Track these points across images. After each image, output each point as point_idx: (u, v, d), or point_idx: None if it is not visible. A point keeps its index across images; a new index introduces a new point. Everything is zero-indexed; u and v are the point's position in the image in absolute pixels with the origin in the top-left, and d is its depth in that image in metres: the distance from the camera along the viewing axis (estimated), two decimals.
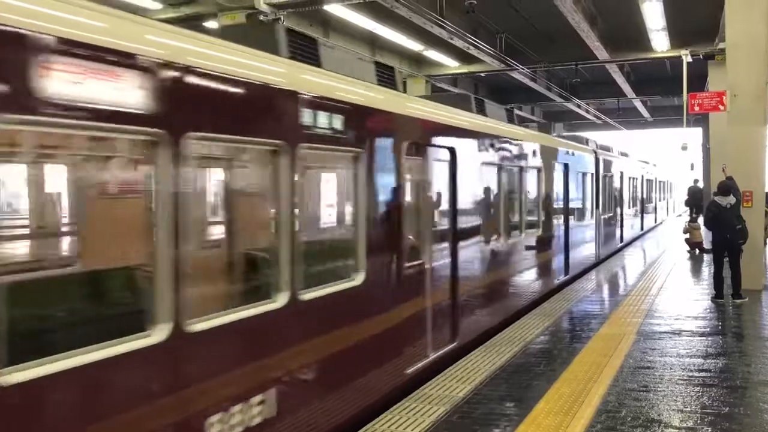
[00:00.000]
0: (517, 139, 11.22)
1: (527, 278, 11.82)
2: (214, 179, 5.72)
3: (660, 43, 22.53)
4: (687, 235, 20.29)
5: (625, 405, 6.19)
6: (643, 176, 27.54)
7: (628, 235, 23.22)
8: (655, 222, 33.49)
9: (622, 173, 21.85)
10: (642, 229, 27.30)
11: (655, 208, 33.80)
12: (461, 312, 8.44)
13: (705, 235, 23.17)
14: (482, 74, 27.91)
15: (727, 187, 11.56)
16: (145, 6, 16.76)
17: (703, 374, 7.20)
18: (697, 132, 37.87)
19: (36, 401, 3.28)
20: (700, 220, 21.19)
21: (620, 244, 21.57)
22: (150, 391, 3.85)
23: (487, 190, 9.74)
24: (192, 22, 16.83)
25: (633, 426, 5.66)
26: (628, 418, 5.85)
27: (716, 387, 6.73)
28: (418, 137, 7.48)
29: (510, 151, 10.80)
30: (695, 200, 28.14)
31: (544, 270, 12.92)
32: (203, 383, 4.22)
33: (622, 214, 21.82)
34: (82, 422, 3.50)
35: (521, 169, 11.27)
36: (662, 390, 6.65)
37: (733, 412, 5.99)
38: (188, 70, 4.15)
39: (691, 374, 7.20)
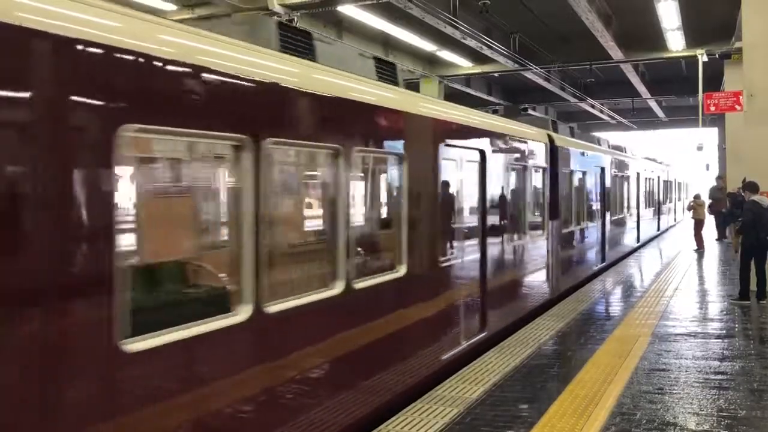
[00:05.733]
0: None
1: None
2: None
3: (675, 42, 22.37)
4: (691, 212, 21.16)
5: (640, 407, 6.14)
6: (639, 174, 22.64)
7: (614, 253, 17.64)
8: (658, 230, 28.16)
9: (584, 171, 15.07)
10: (638, 240, 22.08)
11: (659, 212, 28.49)
12: None
13: (709, 230, 23.20)
14: (496, 74, 27.86)
15: (756, 184, 11.42)
16: (159, 7, 16.86)
17: (720, 377, 7.12)
18: (713, 132, 37.58)
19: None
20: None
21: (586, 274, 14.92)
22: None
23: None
24: (206, 23, 16.90)
25: (648, 429, 5.60)
26: (643, 420, 5.80)
27: (733, 390, 6.66)
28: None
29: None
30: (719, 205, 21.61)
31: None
32: None
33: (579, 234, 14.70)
34: None
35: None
36: (678, 392, 6.59)
37: (750, 416, 5.92)
38: None
39: (707, 377, 7.13)
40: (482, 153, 8.85)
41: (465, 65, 26.00)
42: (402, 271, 6.64)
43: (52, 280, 3.24)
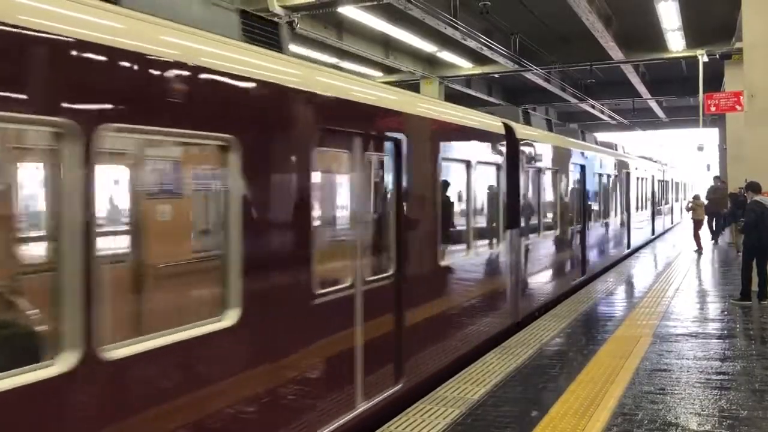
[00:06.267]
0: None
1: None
2: None
3: (676, 43, 22.38)
4: (691, 213, 20.98)
5: (641, 408, 6.14)
6: (629, 173, 20.32)
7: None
8: (653, 234, 25.49)
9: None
10: (628, 247, 20.00)
11: (653, 215, 25.77)
12: None
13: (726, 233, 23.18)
14: (496, 75, 27.88)
15: (759, 184, 11.44)
16: None
17: (721, 377, 7.12)
18: (714, 133, 37.59)
19: None
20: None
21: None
22: None
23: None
24: None
25: (650, 429, 5.60)
26: (645, 420, 5.80)
27: (734, 390, 6.66)
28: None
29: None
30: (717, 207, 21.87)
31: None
32: None
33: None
34: None
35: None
36: (679, 393, 6.59)
37: (752, 416, 5.92)
38: None
39: (708, 377, 7.13)
40: (396, 142, 6.58)
41: (465, 66, 26.02)
42: (231, 318, 4.37)
43: None
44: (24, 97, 3.20)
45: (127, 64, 3.74)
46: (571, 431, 5.57)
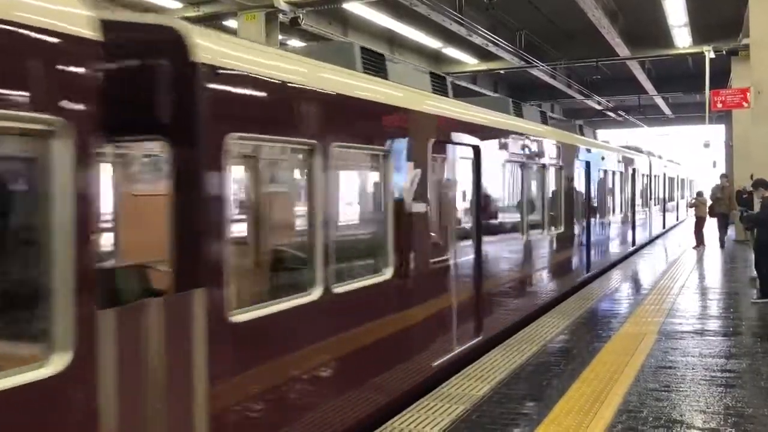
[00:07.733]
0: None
1: None
2: None
3: (682, 39, 22.31)
4: (694, 210, 20.35)
5: (646, 405, 6.13)
6: (589, 163, 14.43)
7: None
8: (633, 245, 19.74)
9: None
10: (587, 269, 14.28)
11: (633, 221, 19.80)
12: None
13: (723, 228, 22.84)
14: (502, 71, 27.84)
15: (766, 181, 11.36)
16: (165, 5, 16.89)
17: (727, 374, 7.10)
18: (720, 129, 37.44)
19: None
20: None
21: None
22: None
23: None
24: (211, 22, 16.93)
25: (654, 426, 5.59)
26: (649, 418, 5.79)
27: (740, 387, 6.64)
28: None
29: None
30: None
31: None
32: None
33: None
34: None
35: None
36: (684, 390, 6.57)
37: (757, 413, 5.90)
38: None
39: (713, 374, 7.11)
40: None
41: (471, 62, 26.00)
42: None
43: None
44: None
45: None
46: (576, 428, 5.56)
